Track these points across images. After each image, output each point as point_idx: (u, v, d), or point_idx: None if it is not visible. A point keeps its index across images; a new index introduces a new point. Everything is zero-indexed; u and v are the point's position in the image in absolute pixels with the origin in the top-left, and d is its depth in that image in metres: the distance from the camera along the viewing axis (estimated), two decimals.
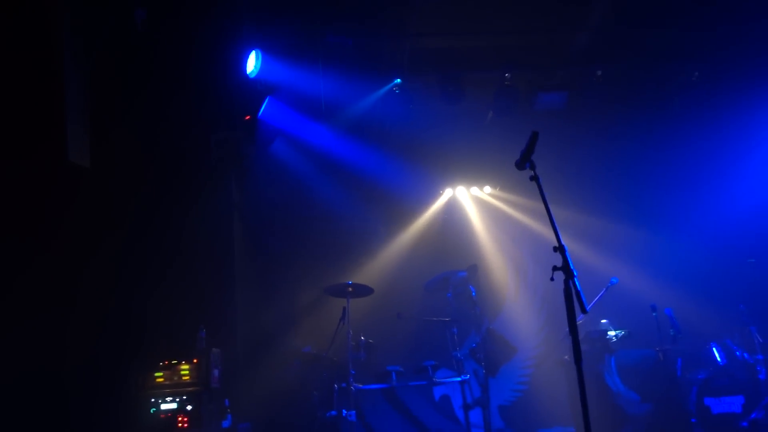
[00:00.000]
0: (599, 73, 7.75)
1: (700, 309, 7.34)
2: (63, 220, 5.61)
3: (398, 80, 7.67)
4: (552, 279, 3.33)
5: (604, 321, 7.21)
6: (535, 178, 3.61)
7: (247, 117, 6.62)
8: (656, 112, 8.04)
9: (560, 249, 3.31)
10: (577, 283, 3.22)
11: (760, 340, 6.82)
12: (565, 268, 3.27)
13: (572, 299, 3.26)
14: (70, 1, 5.15)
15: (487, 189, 9.24)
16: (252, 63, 6.34)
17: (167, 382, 5.92)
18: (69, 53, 4.98)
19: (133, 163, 6.19)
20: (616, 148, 8.38)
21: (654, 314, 6.84)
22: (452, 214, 9.15)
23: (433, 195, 9.11)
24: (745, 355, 6.79)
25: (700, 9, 7.07)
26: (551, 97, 7.88)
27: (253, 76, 6.36)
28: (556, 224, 3.43)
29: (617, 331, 7.04)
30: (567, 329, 7.03)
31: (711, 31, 7.41)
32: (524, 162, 3.65)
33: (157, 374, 5.95)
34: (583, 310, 3.19)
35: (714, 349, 6.85)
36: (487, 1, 6.97)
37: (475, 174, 9.09)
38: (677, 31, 7.44)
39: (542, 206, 3.63)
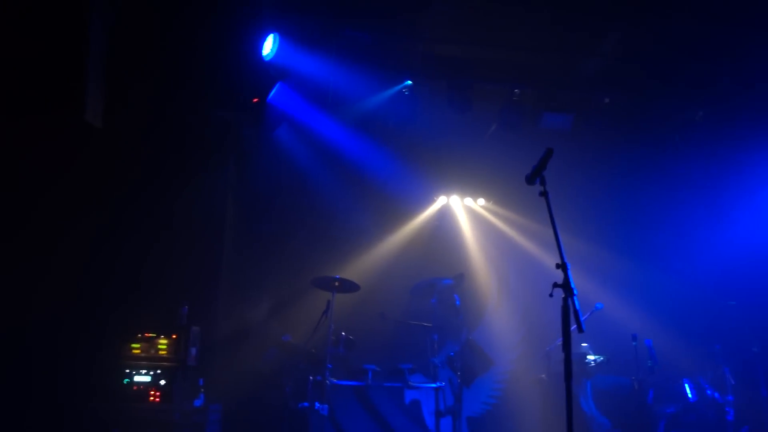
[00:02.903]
0: (607, 100, 7.83)
1: (678, 344, 7.44)
2: (64, 177, 5.54)
3: (408, 82, 7.68)
4: (551, 295, 3.34)
5: (584, 345, 7.27)
6: (544, 194, 3.63)
7: (256, 99, 6.58)
8: (658, 145, 8.16)
9: (563, 266, 3.33)
10: (576, 301, 3.24)
11: (732, 382, 6.93)
12: (566, 286, 3.29)
13: (569, 316, 3.27)
14: None
15: (481, 201, 9.29)
16: (269, 46, 6.30)
17: (143, 354, 5.90)
18: (95, 10, 4.91)
19: (140, 129, 6.13)
20: (614, 176, 8.48)
21: (634, 343, 6.91)
22: (444, 222, 9.18)
23: (428, 200, 9.14)
24: (716, 394, 6.89)
25: (708, 52, 7.18)
26: (557, 118, 7.94)
27: (268, 59, 6.33)
28: (561, 242, 3.44)
29: (596, 356, 7.11)
30: (547, 348, 7.17)
31: (717, 74, 7.53)
32: (535, 177, 3.68)
33: (133, 345, 5.91)
34: (580, 329, 3.22)
35: (686, 384, 6.93)
36: (505, 14, 6.99)
37: (471, 185, 9.14)
38: (685, 70, 7.54)
39: (533, 224, 3.66)
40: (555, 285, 3.33)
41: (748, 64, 7.27)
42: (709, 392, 6.89)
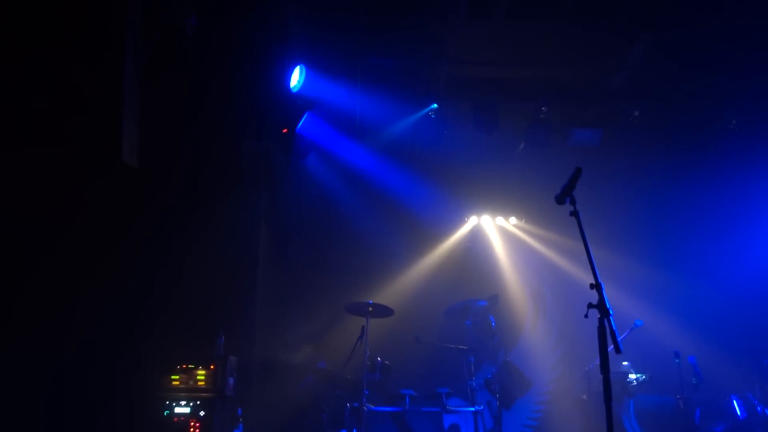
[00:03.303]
0: (636, 113, 7.75)
1: (723, 359, 7.23)
2: (104, 212, 5.70)
3: (434, 105, 7.73)
4: (586, 316, 3.28)
5: (625, 363, 7.12)
6: (575, 214, 3.58)
7: (285, 130, 6.70)
8: (691, 156, 8.03)
9: (597, 287, 3.27)
10: (612, 321, 3.18)
11: None
12: (601, 307, 3.23)
13: (605, 337, 3.22)
14: None
15: (513, 220, 9.22)
16: (296, 77, 6.44)
17: (182, 386, 5.94)
18: (129, 52, 5.09)
19: (173, 165, 6.28)
20: (647, 189, 8.35)
21: (677, 361, 6.73)
22: (476, 242, 9.13)
23: (459, 222, 9.11)
24: (767, 410, 6.65)
25: (739, 58, 7.05)
26: (585, 134, 7.90)
27: (296, 90, 6.46)
28: (594, 261, 3.39)
29: (638, 375, 6.95)
30: (587, 368, 7.02)
31: (749, 79, 7.39)
32: (564, 197, 3.63)
33: (173, 377, 5.97)
34: (617, 350, 3.15)
35: (734, 401, 6.71)
36: (529, 31, 7.00)
37: (501, 204, 9.09)
38: (717, 78, 7.42)
39: (566, 241, 3.61)
40: (590, 306, 3.27)
41: None
42: (759, 408, 6.67)
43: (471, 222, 9.16)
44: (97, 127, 5.12)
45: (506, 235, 9.20)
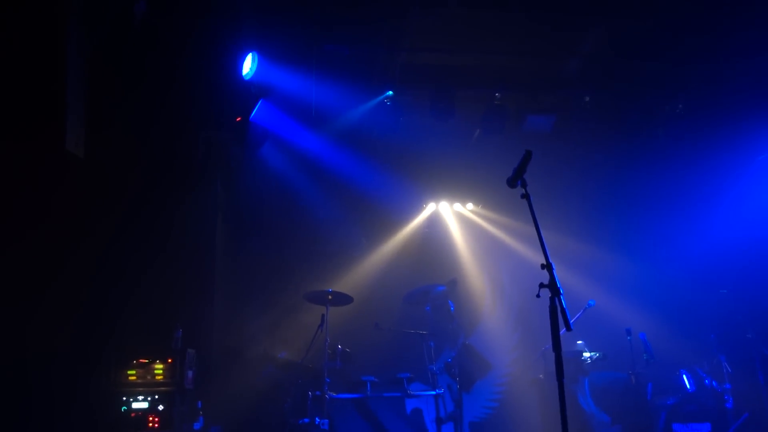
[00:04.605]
0: (587, 98, 7.91)
1: (673, 335, 7.48)
2: (50, 208, 5.53)
3: (390, 92, 7.73)
4: (538, 296, 3.36)
5: (579, 342, 7.30)
6: (526, 196, 3.66)
7: (239, 119, 6.61)
8: (641, 140, 8.24)
9: (548, 267, 3.35)
10: (563, 300, 3.27)
11: (729, 370, 6.97)
12: (552, 286, 3.32)
13: (557, 316, 3.31)
14: None
15: (470, 206, 9.33)
16: (248, 65, 6.35)
17: (140, 381, 5.86)
18: (72, 39, 4.94)
19: (124, 156, 6.14)
20: (600, 173, 8.57)
21: (628, 338, 6.92)
22: (434, 228, 9.21)
23: (417, 208, 9.17)
24: (714, 383, 6.93)
25: (684, 45, 7.26)
26: (539, 120, 8.02)
27: (248, 78, 6.37)
28: (545, 242, 3.47)
29: (592, 353, 7.13)
30: (542, 349, 7.19)
31: (695, 65, 7.62)
32: (516, 180, 3.70)
33: (130, 372, 5.88)
34: (568, 328, 3.25)
35: (684, 376, 6.96)
36: (483, 20, 7.05)
37: (458, 190, 9.18)
38: (664, 65, 7.62)
39: (523, 226, 3.68)
40: (541, 285, 3.35)
41: (723, 54, 7.36)
42: (707, 381, 6.93)
43: (429, 208, 9.23)
44: (39, 115, 4.95)
45: (463, 220, 9.31)
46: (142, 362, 5.90)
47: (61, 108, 4.90)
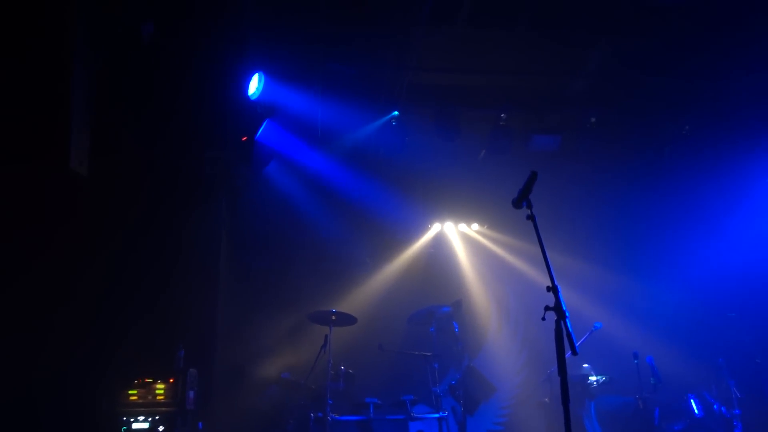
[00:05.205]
0: (593, 119, 7.89)
1: (681, 360, 7.38)
2: (55, 228, 5.53)
3: (396, 113, 7.74)
4: (543, 319, 3.31)
5: (585, 365, 7.21)
6: (531, 218, 3.62)
7: (245, 138, 6.62)
8: (647, 161, 8.21)
9: (553, 289, 3.30)
10: (568, 323, 3.22)
11: (738, 395, 6.85)
12: (558, 309, 3.26)
13: (562, 339, 3.25)
14: (83, 5, 5.15)
15: (475, 226, 9.29)
16: (254, 85, 6.37)
17: (141, 401, 5.80)
18: (79, 58, 4.96)
19: (129, 174, 6.15)
20: (606, 194, 8.52)
21: (635, 362, 6.84)
22: (439, 249, 9.17)
23: (422, 228, 9.15)
24: (722, 408, 6.81)
25: (691, 65, 7.26)
26: (545, 139, 8.00)
27: (254, 98, 6.39)
28: (551, 264, 3.43)
29: (598, 377, 7.04)
30: (549, 371, 7.10)
31: (701, 84, 7.61)
32: (521, 201, 3.67)
33: (131, 392, 5.82)
34: (574, 352, 3.18)
35: (692, 400, 6.86)
36: (488, 40, 7.07)
37: (464, 210, 9.15)
38: (670, 84, 7.62)
39: (529, 246, 3.64)
40: (547, 308, 3.30)
41: (728, 73, 7.35)
42: (715, 407, 6.82)
43: (434, 229, 9.21)
44: (43, 133, 4.95)
45: (469, 241, 9.27)
46: (143, 382, 5.84)
47: (66, 126, 4.91)
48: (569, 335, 3.20)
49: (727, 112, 7.76)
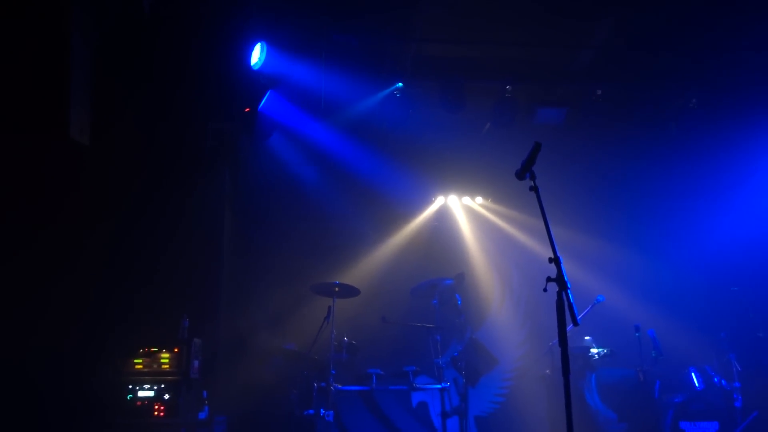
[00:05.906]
0: (599, 92, 7.80)
1: (682, 333, 7.41)
2: (58, 198, 5.53)
3: (400, 84, 7.67)
4: (545, 290, 3.32)
5: (587, 338, 7.25)
6: (534, 189, 3.61)
7: (247, 109, 6.58)
8: (653, 134, 8.12)
9: (555, 260, 3.31)
10: (570, 295, 3.22)
11: (739, 369, 6.89)
12: (560, 280, 3.26)
13: (564, 311, 3.26)
14: None
15: (479, 199, 9.27)
16: (257, 55, 6.30)
17: (146, 370, 5.86)
18: (77, 27, 4.91)
19: (131, 145, 6.13)
20: (611, 167, 8.47)
21: (637, 334, 6.88)
22: (442, 222, 9.16)
23: (426, 201, 9.13)
24: (723, 381, 6.86)
25: (698, 38, 7.15)
26: (550, 112, 7.93)
27: (256, 68, 6.33)
28: (553, 236, 3.42)
29: (600, 349, 7.08)
30: (550, 344, 7.15)
31: (709, 57, 7.50)
32: (524, 172, 3.65)
33: (136, 360, 5.88)
34: (575, 323, 3.19)
35: (692, 373, 6.89)
36: (494, 12, 6.98)
37: (468, 183, 9.12)
38: (677, 57, 7.52)
39: (533, 220, 3.62)
40: (549, 279, 3.31)
41: (737, 47, 7.25)
42: (716, 380, 6.86)
43: (437, 202, 9.18)
44: (43, 103, 4.92)
45: (472, 214, 9.25)
46: (148, 351, 5.91)
47: (65, 96, 4.88)
48: (570, 306, 3.21)
49: (736, 86, 7.67)
